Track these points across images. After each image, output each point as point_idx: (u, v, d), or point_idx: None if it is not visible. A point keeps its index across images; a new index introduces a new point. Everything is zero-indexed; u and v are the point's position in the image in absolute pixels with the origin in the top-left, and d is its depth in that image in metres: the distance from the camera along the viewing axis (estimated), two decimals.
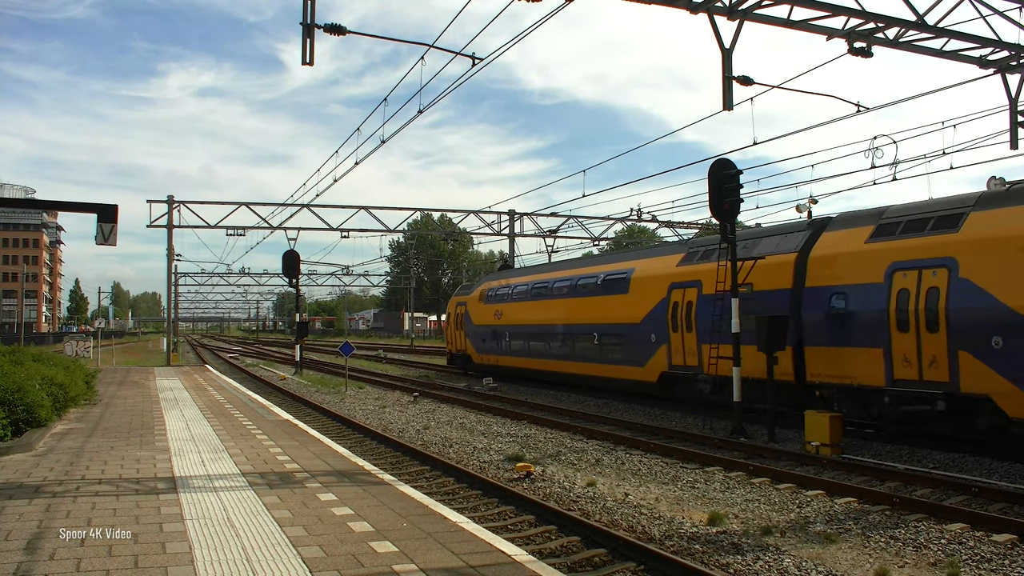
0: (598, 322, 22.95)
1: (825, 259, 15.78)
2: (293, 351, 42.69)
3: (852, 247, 15.27)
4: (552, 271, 28.31)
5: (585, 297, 23.98)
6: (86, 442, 12.64)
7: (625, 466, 12.89)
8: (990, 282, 12.52)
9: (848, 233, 15.66)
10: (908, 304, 13.73)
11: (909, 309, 13.71)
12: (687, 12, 12.69)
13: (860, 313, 14.68)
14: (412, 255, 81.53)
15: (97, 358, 40.02)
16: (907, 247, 14.02)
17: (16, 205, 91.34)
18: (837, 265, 15.43)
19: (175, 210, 38.00)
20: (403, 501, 8.56)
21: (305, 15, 12.17)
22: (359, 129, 21.94)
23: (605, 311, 22.62)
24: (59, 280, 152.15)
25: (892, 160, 22.30)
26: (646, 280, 21.09)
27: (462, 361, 33.77)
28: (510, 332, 28.77)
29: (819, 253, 16.00)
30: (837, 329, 15.14)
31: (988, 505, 10.08)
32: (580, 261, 29.34)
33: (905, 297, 13.83)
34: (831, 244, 15.92)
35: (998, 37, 13.98)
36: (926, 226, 13.93)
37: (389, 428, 17.59)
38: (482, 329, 31.17)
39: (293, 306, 52.37)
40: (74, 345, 39.84)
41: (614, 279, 22.67)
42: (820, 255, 15.95)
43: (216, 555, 6.41)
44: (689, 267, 19.49)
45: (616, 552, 8.04)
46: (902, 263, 14.00)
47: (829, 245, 15.94)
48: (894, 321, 13.95)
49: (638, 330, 20.88)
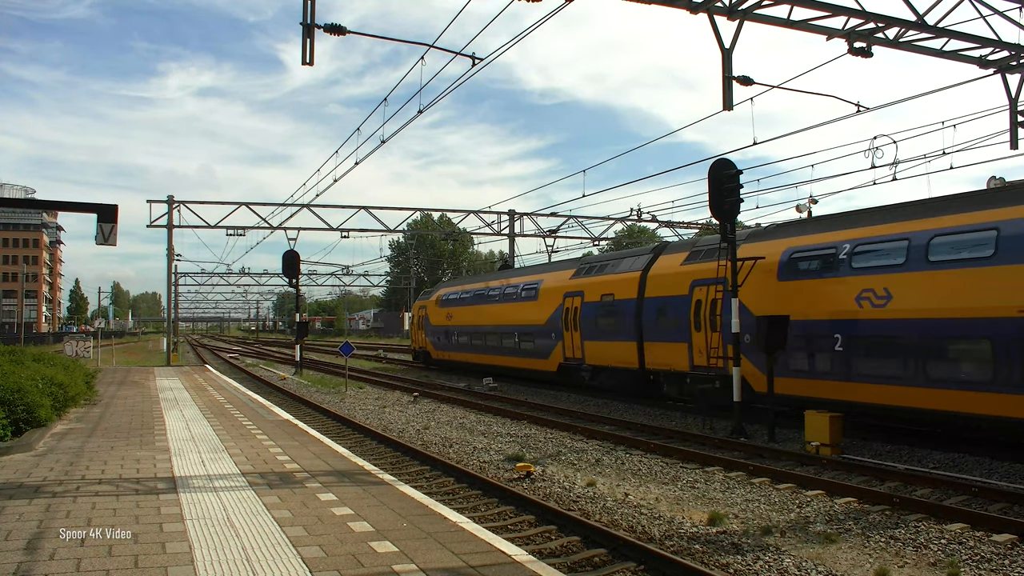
0: (517, 323, 27.92)
1: (657, 277, 20.43)
2: (293, 351, 42.70)
3: (672, 268, 19.90)
4: (491, 280, 33.18)
5: (509, 303, 28.91)
6: (86, 442, 12.64)
7: (625, 466, 12.89)
8: (747, 296, 16.36)
9: (673, 257, 20.33)
10: (703, 310, 18.25)
11: (704, 315, 18.21)
12: (687, 12, 12.69)
13: (674, 317, 19.32)
14: (412, 255, 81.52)
15: (97, 358, 40.02)
16: (702, 269, 18.32)
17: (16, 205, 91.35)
18: (663, 281, 20.06)
19: (175, 210, 38.01)
20: (403, 501, 8.56)
21: (305, 15, 12.17)
22: (359, 129, 21.96)
23: (522, 315, 27.54)
24: (59, 280, 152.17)
25: (892, 160, 22.30)
26: (549, 290, 25.96)
27: (423, 357, 38.50)
28: (458, 331, 33.84)
29: (653, 272, 20.68)
30: (662, 329, 19.84)
31: (988, 505, 10.08)
32: (510, 272, 33.54)
33: (699, 306, 18.39)
34: (661, 265, 20.52)
35: (998, 37, 13.99)
36: (714, 255, 17.38)
37: (389, 428, 17.60)
38: (438, 329, 36.07)
39: (293, 306, 52.38)
40: (74, 345, 39.82)
41: (529, 289, 27.62)
42: (654, 273, 20.63)
43: (216, 555, 6.41)
44: (577, 280, 24.40)
45: (616, 552, 8.04)
46: (698, 281, 18.47)
47: (660, 266, 20.56)
48: (696, 322, 18.48)
49: (543, 330, 25.86)
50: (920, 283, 13.49)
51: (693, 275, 18.76)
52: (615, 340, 21.72)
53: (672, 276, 19.75)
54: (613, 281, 22.19)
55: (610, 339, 21.97)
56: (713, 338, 17.64)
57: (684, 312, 18.90)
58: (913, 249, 13.63)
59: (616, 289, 21.96)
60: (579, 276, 24.59)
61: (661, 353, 19.91)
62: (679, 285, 19.24)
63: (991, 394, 12.20)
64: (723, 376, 16.87)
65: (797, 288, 16.10)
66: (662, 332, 19.83)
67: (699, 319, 18.37)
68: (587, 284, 23.70)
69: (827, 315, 15.28)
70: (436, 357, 36.62)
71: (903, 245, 13.94)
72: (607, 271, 23.21)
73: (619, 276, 22.14)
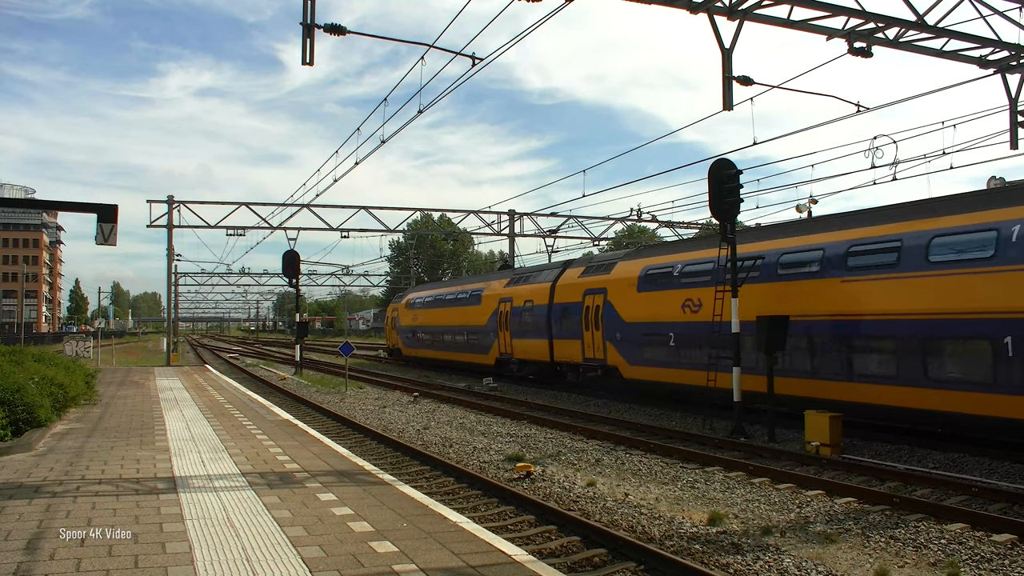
0: (466, 325, 32.73)
1: (561, 287, 25.27)
2: (293, 351, 42.70)
3: (572, 280, 24.71)
4: (448, 286, 39.28)
5: (460, 307, 33.64)
6: (86, 442, 12.64)
7: (625, 466, 12.89)
8: (617, 303, 21.66)
9: (574, 271, 25.25)
10: (590, 314, 23.01)
11: (590, 318, 22.97)
12: (687, 12, 12.69)
13: (572, 319, 24.11)
14: (412, 255, 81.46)
15: (97, 358, 40.01)
16: (592, 281, 23.34)
17: (16, 205, 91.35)
18: (566, 291, 24.85)
19: (175, 210, 38.00)
20: (403, 501, 8.56)
21: (305, 15, 12.17)
22: (359, 129, 21.97)
23: (469, 317, 32.29)
24: (59, 280, 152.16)
25: (892, 160, 22.32)
26: (489, 296, 30.60)
27: (396, 353, 44.35)
28: (422, 331, 39.01)
29: (560, 283, 25.50)
30: (564, 329, 24.63)
31: (988, 505, 10.08)
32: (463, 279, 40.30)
33: (588, 310, 23.14)
34: (566, 277, 25.39)
35: (998, 37, 13.99)
36: (599, 269, 23.33)
37: (389, 428, 17.59)
38: (406, 329, 41.33)
39: (293, 306, 52.38)
40: (74, 345, 39.83)
41: (475, 295, 32.38)
42: (560, 284, 25.47)
43: (216, 555, 6.41)
44: (509, 288, 29.35)
45: (616, 552, 8.04)
46: (589, 290, 23.25)
47: (565, 278, 25.41)
48: (585, 323, 23.33)
49: (484, 330, 30.67)
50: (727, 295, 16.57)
51: (585, 285, 23.61)
52: (534, 338, 26.79)
53: (572, 286, 24.52)
54: (533, 290, 27.23)
55: (531, 337, 27.04)
56: (597, 336, 22.58)
57: (578, 315, 23.74)
58: (715, 271, 17.35)
59: (534, 297, 26.90)
60: (511, 285, 29.48)
61: (564, 348, 24.91)
62: (576, 294, 24.03)
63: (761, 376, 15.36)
64: (603, 365, 22.53)
65: (648, 297, 20.53)
66: (565, 331, 24.68)
67: (588, 321, 23.14)
68: (515, 292, 28.59)
69: (665, 319, 19.62)
70: (406, 354, 42.09)
71: (710, 267, 17.97)
72: (530, 281, 27.96)
73: (537, 286, 27.01)
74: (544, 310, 25.87)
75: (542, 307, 26.03)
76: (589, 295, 23.14)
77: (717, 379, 16.48)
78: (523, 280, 28.64)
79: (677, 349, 19.15)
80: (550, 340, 25.51)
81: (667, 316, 19.48)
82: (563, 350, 24.80)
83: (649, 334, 20.40)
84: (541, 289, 26.43)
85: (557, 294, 25.29)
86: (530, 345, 26.98)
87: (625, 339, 21.38)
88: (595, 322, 22.66)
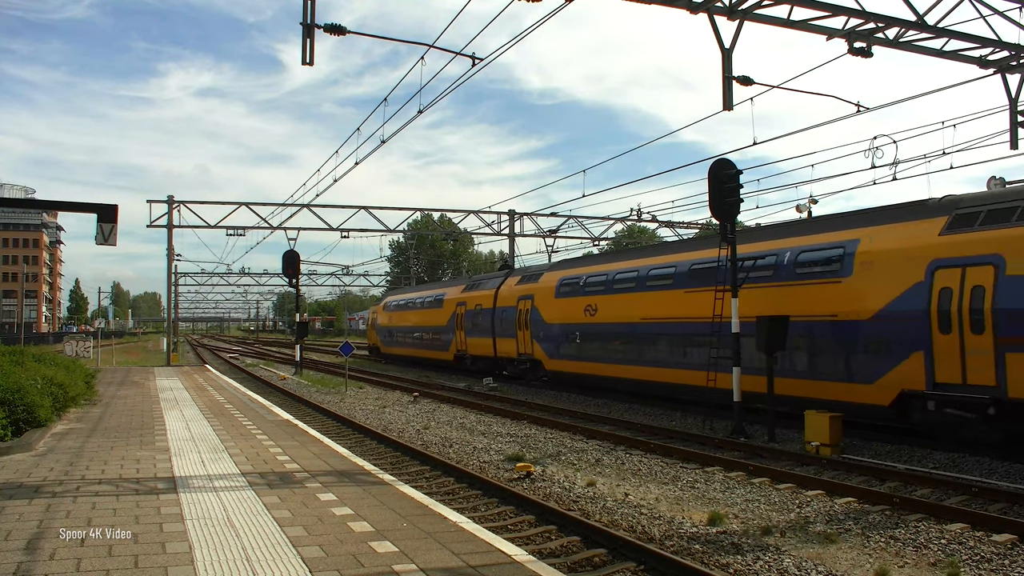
0: (430, 325, 37.38)
1: (502, 293, 29.53)
2: (293, 351, 42.69)
3: (511, 288, 29.09)
4: (417, 291, 43.99)
5: (426, 310, 38.43)
6: (86, 442, 12.64)
7: (625, 466, 12.89)
8: (541, 308, 26.24)
9: (513, 279, 29.69)
10: (522, 317, 27.44)
11: (522, 320, 27.40)
12: (687, 12, 12.68)
13: (509, 321, 28.40)
14: (412, 255, 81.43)
15: (97, 358, 40.02)
16: (524, 289, 27.82)
17: (16, 205, 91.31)
18: (505, 297, 29.13)
19: (175, 210, 37.98)
20: (403, 501, 8.56)
21: (305, 15, 12.16)
22: (359, 129, 21.97)
23: (433, 319, 36.85)
24: (59, 280, 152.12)
25: (892, 160, 22.32)
26: (449, 300, 35.21)
27: (375, 351, 48.80)
28: (396, 331, 43.58)
29: (501, 290, 29.82)
30: (503, 329, 28.91)
31: (988, 505, 10.08)
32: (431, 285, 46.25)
33: (520, 313, 27.57)
34: (506, 285, 29.69)
35: (998, 37, 13.98)
36: (530, 279, 27.83)
37: (389, 428, 17.59)
38: (383, 328, 46.23)
39: (293, 306, 52.39)
40: (74, 345, 39.88)
41: (437, 299, 37.09)
42: (501, 291, 29.78)
43: (216, 555, 6.41)
44: (464, 293, 33.82)
45: (616, 552, 8.04)
46: (522, 296, 27.65)
47: (505, 286, 29.70)
48: (518, 324, 27.68)
49: (445, 329, 35.19)
50: (610, 302, 22.29)
51: (519, 292, 28.01)
52: (482, 337, 31.09)
53: (509, 293, 28.91)
54: (481, 296, 31.61)
55: (480, 336, 31.37)
56: (526, 335, 27.14)
57: (513, 318, 28.08)
58: (607, 282, 22.61)
59: (482, 302, 31.29)
60: (466, 291, 33.89)
61: (504, 345, 29.20)
62: (512, 299, 28.39)
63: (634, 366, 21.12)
64: (531, 359, 27.01)
65: (562, 303, 25.02)
66: (504, 331, 29.04)
67: (520, 322, 27.53)
68: (468, 297, 33.13)
69: (573, 320, 24.15)
70: (383, 351, 46.55)
71: (606, 279, 22.81)
72: (480, 288, 32.45)
73: (484, 292, 31.41)
74: (489, 313, 30.41)
75: (487, 311, 30.56)
76: (521, 300, 27.68)
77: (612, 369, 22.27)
78: (475, 287, 33.36)
79: (582, 345, 23.73)
80: (493, 338, 30.10)
81: (575, 318, 24.08)
82: (503, 347, 29.30)
83: (562, 333, 24.94)
84: (487, 295, 30.89)
85: (499, 300, 29.72)
86: (479, 343, 31.55)
87: (546, 337, 25.95)
88: (525, 323, 27.22)
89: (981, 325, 12.32)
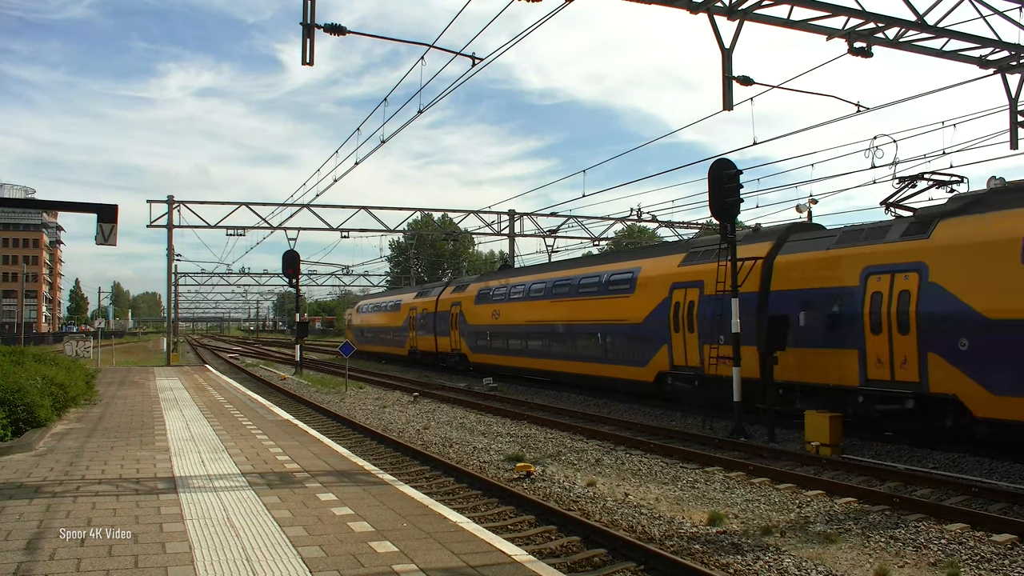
0: (391, 326, 44.64)
1: (442, 299, 36.24)
2: (293, 351, 42.70)
3: (448, 295, 35.65)
4: (382, 297, 52.92)
5: (387, 312, 45.73)
6: (86, 442, 12.64)
7: (625, 466, 12.89)
8: (466, 312, 32.39)
9: (450, 288, 36.53)
10: (453, 319, 33.91)
11: (453, 321, 33.93)
12: (687, 12, 12.68)
13: (445, 322, 35.07)
14: (412, 255, 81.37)
15: (97, 358, 40.02)
16: (455, 297, 34.26)
17: (16, 205, 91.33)
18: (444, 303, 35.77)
19: (175, 210, 37.99)
20: (403, 501, 8.56)
21: (305, 15, 12.17)
22: (359, 129, 22.00)
23: (393, 320, 44.21)
24: (59, 280, 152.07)
25: (892, 160, 22.30)
26: (404, 305, 42.09)
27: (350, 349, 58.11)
28: (365, 330, 51.28)
29: (441, 296, 36.51)
30: (441, 329, 35.76)
31: (988, 505, 10.08)
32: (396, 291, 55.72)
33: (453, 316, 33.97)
34: (445, 293, 36.52)
35: (998, 37, 13.98)
36: (460, 289, 34.41)
37: (389, 428, 17.59)
38: (357, 328, 53.98)
39: (293, 306, 52.48)
40: (74, 345, 39.89)
41: (396, 304, 44.24)
42: (441, 297, 36.43)
43: (216, 555, 6.41)
44: (415, 300, 40.58)
45: (616, 552, 8.04)
46: (453, 303, 34.17)
47: (444, 293, 36.52)
48: (451, 325, 34.15)
49: (402, 329, 42.11)
50: (508, 308, 28.67)
51: (453, 299, 34.58)
52: (427, 335, 37.83)
53: (446, 300, 35.57)
54: (427, 302, 38.28)
55: (426, 335, 38.10)
56: (456, 334, 33.75)
57: (448, 320, 34.81)
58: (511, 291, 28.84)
59: (427, 307, 37.92)
60: (417, 298, 40.74)
61: (442, 342, 35.92)
62: (447, 305, 35.19)
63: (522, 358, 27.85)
64: (459, 354, 33.66)
65: (479, 308, 31.17)
66: (441, 331, 35.80)
67: (452, 324, 34.21)
68: (418, 303, 39.78)
69: (485, 323, 30.42)
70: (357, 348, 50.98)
71: (506, 291, 29.31)
72: (427, 295, 39.21)
73: (429, 299, 38.18)
74: (432, 316, 37.05)
75: (431, 314, 37.19)
76: (453, 306, 34.16)
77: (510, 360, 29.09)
78: (423, 295, 40.04)
79: (491, 342, 30.27)
80: (435, 337, 36.66)
81: (486, 321, 30.39)
82: (442, 344, 36.02)
83: (479, 333, 31.27)
84: (431, 301, 37.47)
85: (439, 305, 36.29)
86: (426, 340, 38.20)
87: (469, 336, 32.40)
88: (455, 324, 33.79)
89: (692, 327, 18.54)
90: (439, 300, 36.42)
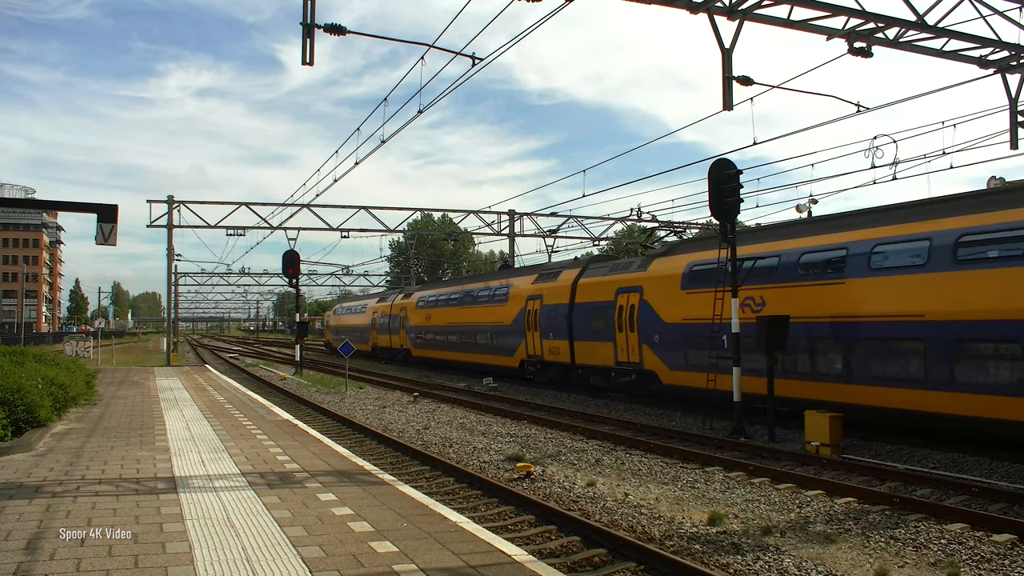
0: (358, 326, 52.59)
1: (395, 304, 43.62)
2: (293, 351, 42.72)
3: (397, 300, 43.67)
4: (353, 301, 62.75)
5: (355, 315, 54.95)
6: (86, 442, 12.64)
7: (625, 466, 12.89)
8: (409, 316, 40.71)
9: (399, 294, 44.99)
10: (402, 321, 41.73)
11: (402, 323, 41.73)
12: (687, 12, 12.68)
13: (396, 323, 42.76)
14: (412, 255, 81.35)
15: (97, 358, 40.01)
16: (403, 303, 42.00)
17: (16, 205, 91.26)
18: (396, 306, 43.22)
19: (175, 210, 37.99)
20: (403, 501, 8.56)
21: (305, 15, 12.16)
22: (359, 129, 22.00)
23: (359, 321, 52.53)
24: (59, 280, 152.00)
25: (892, 160, 22.32)
26: (368, 309, 50.38)
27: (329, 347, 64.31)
28: (340, 330, 58.58)
29: (394, 302, 44.04)
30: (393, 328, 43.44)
31: (988, 505, 10.08)
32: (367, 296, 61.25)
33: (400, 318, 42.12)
34: (398, 298, 43.98)
35: (998, 37, 13.98)
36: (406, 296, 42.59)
37: (389, 428, 17.59)
38: (333, 328, 62.99)
39: (293, 306, 52.49)
40: (74, 345, 39.82)
41: (363, 307, 53.03)
42: (393, 303, 44.17)
43: (216, 555, 6.41)
44: (376, 304, 48.96)
45: (616, 552, 8.04)
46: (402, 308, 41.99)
47: (397, 299, 43.94)
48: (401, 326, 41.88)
49: (366, 329, 49.94)
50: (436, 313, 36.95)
51: (402, 304, 41.99)
52: (386, 334, 45.08)
53: (398, 304, 42.88)
54: (384, 306, 46.02)
55: (384, 334, 45.50)
56: (402, 332, 41.30)
57: (398, 322, 42.34)
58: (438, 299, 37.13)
59: (385, 310, 45.59)
60: (378, 303, 48.81)
61: (394, 340, 43.28)
62: (398, 309, 42.53)
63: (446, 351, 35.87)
64: (405, 349, 41.18)
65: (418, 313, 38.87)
66: (393, 330, 43.40)
67: (401, 324, 41.54)
68: (379, 307, 47.57)
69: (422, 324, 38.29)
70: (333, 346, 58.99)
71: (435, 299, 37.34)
72: (385, 301, 47.07)
73: (384, 304, 46.31)
74: (387, 318, 44.89)
75: (386, 316, 45.01)
76: (402, 311, 41.64)
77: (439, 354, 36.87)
78: (382, 300, 48.34)
79: (426, 340, 38.19)
80: (390, 335, 44.21)
81: (423, 323, 38.43)
82: (394, 342, 43.38)
83: (418, 332, 39.18)
84: (386, 306, 45.67)
85: (392, 309, 43.82)
86: (384, 339, 45.61)
87: (411, 334, 40.16)
88: (403, 325, 41.46)
89: (537, 327, 26.28)
90: (392, 305, 44.33)
